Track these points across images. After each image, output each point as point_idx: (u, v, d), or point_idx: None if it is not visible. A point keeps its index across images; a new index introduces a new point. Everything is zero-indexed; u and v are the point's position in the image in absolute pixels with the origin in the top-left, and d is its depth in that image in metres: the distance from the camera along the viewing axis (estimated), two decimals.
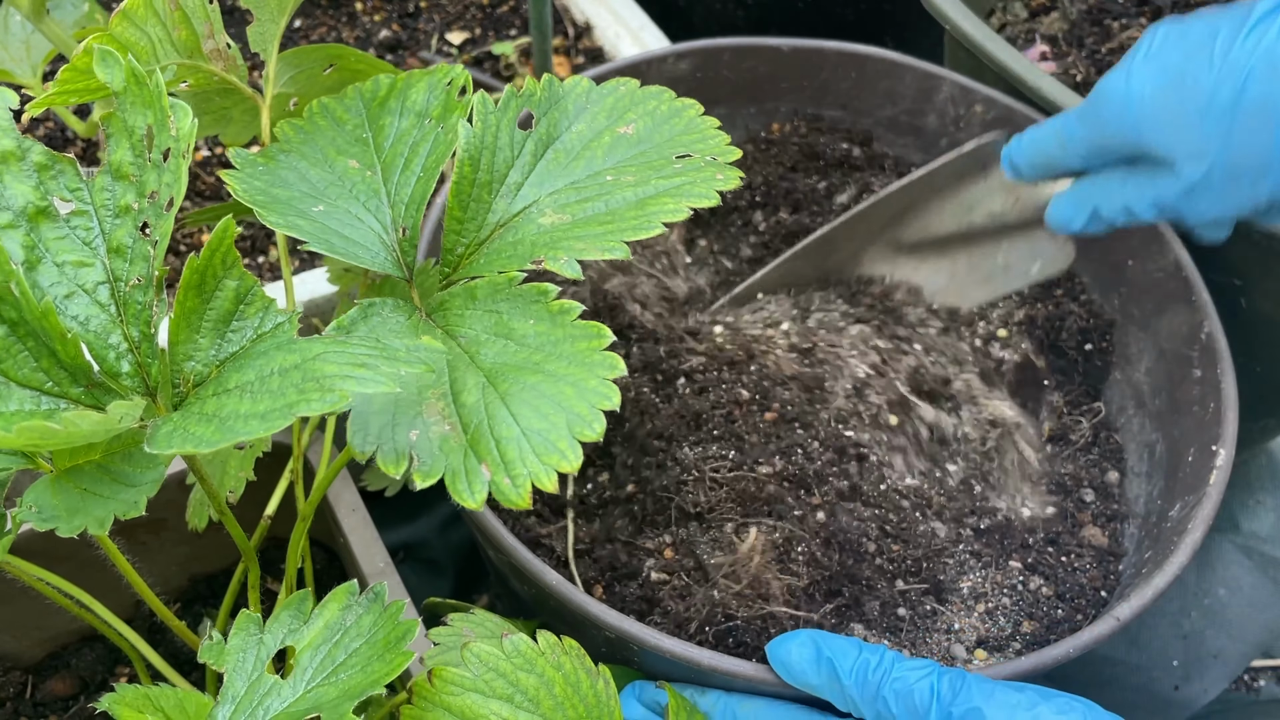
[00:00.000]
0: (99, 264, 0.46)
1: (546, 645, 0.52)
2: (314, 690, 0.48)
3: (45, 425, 0.36)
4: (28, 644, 0.76)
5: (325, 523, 0.75)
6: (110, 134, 0.46)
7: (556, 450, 0.44)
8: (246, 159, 0.54)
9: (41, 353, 0.42)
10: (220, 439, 0.38)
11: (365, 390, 0.38)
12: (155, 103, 0.46)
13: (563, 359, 0.46)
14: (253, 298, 0.45)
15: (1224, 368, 0.66)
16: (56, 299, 0.45)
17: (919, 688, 0.50)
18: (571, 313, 0.47)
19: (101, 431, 0.38)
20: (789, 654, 0.53)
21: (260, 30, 0.61)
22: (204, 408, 0.41)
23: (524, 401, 0.45)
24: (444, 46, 1.15)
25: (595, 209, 0.52)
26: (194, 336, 0.45)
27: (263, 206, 0.51)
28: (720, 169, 0.53)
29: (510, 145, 0.54)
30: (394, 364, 0.40)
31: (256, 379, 0.40)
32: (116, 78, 0.46)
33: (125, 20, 0.51)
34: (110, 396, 0.44)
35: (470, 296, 0.49)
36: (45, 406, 0.43)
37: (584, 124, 0.55)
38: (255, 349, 0.43)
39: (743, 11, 1.28)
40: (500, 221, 0.53)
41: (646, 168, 0.53)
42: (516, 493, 0.43)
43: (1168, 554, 0.59)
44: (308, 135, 0.57)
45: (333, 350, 0.40)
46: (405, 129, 0.56)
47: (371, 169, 0.55)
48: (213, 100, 0.62)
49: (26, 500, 0.46)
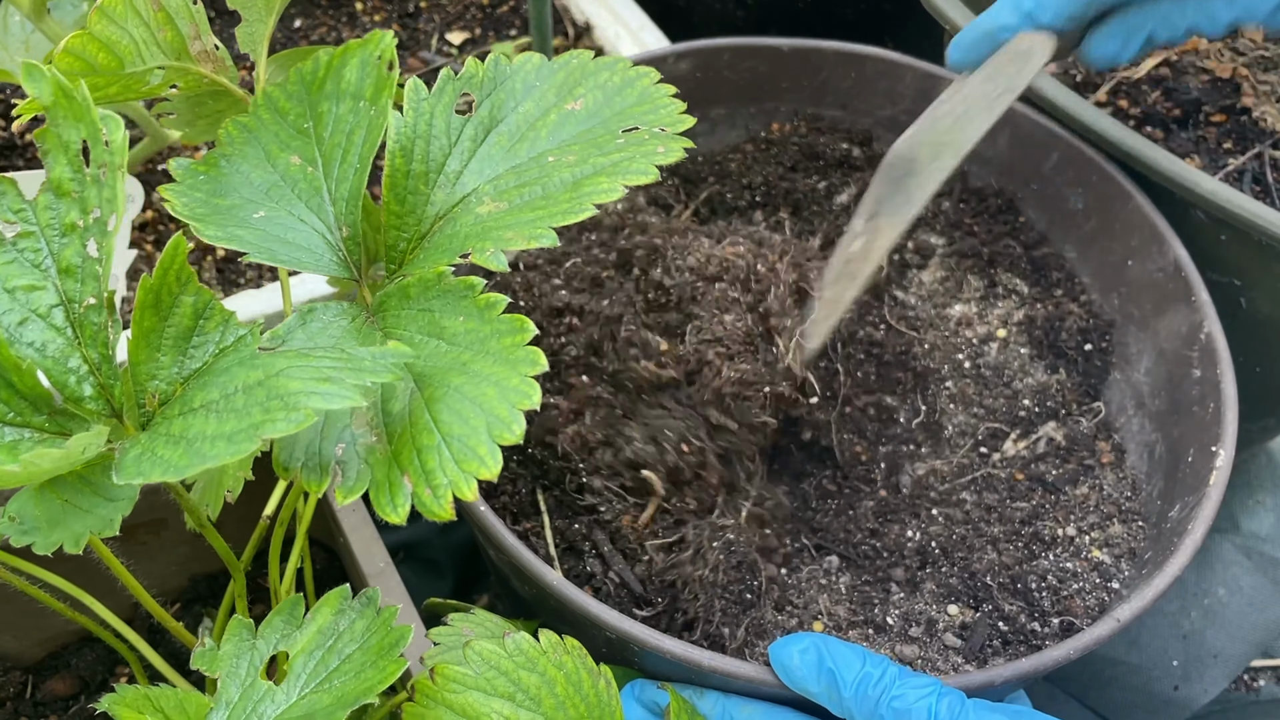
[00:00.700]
0: (50, 286, 0.44)
1: (548, 644, 0.52)
2: (308, 697, 0.47)
3: (3, 469, 0.35)
4: (28, 644, 0.76)
5: (325, 523, 0.75)
6: (47, 150, 0.44)
7: (476, 456, 0.42)
8: (187, 169, 0.51)
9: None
10: (189, 464, 0.37)
11: (331, 406, 0.37)
12: (85, 115, 0.44)
13: (489, 356, 0.44)
14: (211, 312, 0.43)
15: (1224, 368, 0.66)
16: (9, 327, 0.43)
17: (917, 709, 0.49)
18: (497, 307, 0.45)
19: (64, 465, 0.37)
20: (791, 658, 0.53)
21: (249, 30, 0.59)
22: (171, 428, 0.40)
23: (446, 406, 0.43)
24: (444, 46, 1.15)
25: (532, 194, 0.49)
26: (155, 355, 0.43)
27: (201, 220, 0.48)
28: (664, 140, 0.49)
29: (447, 132, 0.51)
30: (360, 374, 0.39)
31: (221, 397, 0.39)
32: (45, 91, 0.44)
33: (104, 18, 0.49)
34: (74, 422, 0.43)
35: (404, 295, 0.47)
36: (9, 438, 0.42)
37: (531, 103, 0.52)
38: (218, 365, 0.42)
39: (743, 11, 1.28)
40: (439, 214, 0.50)
41: (590, 145, 0.50)
42: (438, 504, 0.41)
43: (1168, 554, 0.59)
44: (251, 133, 0.53)
45: (295, 365, 0.39)
46: (343, 115, 0.52)
47: (313, 164, 0.51)
48: (205, 104, 0.60)
49: (9, 509, 0.45)
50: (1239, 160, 0.79)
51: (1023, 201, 0.83)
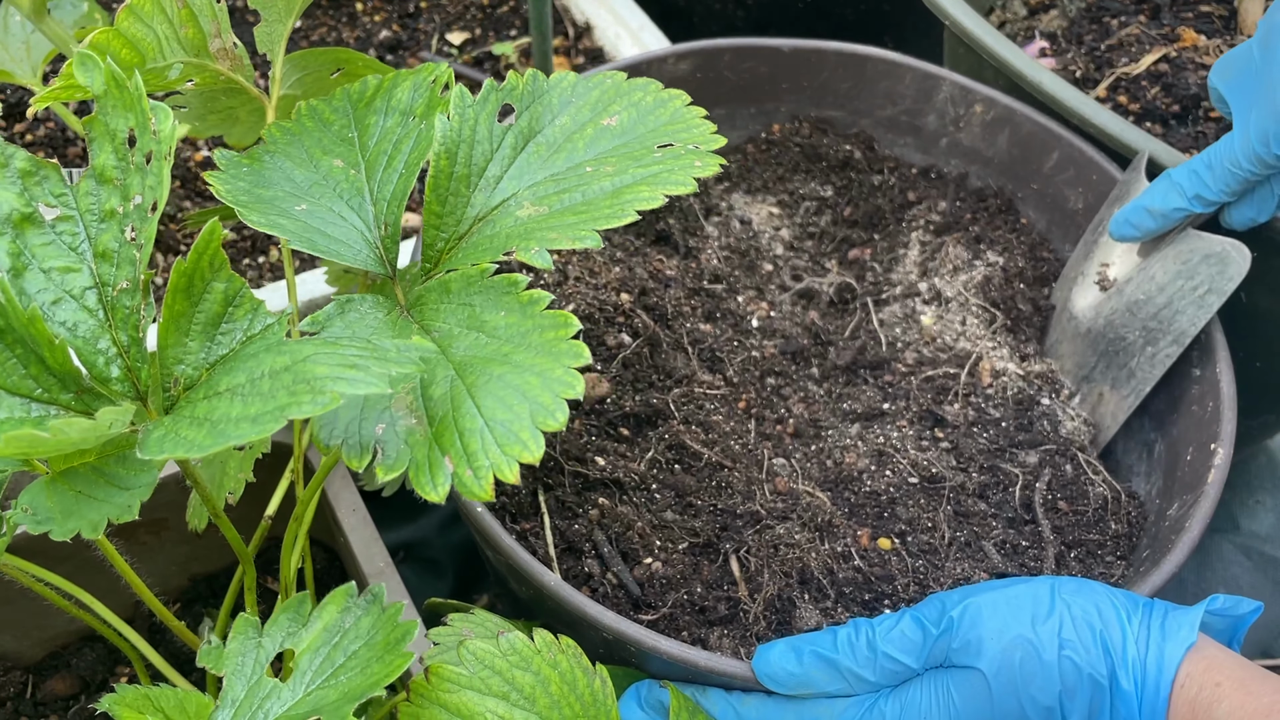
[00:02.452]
0: (86, 269, 0.45)
1: (543, 644, 0.52)
2: (314, 693, 0.48)
3: (34, 434, 0.35)
4: (28, 644, 0.76)
5: (325, 523, 0.75)
6: (93, 138, 0.46)
7: (519, 441, 0.43)
8: (231, 159, 0.54)
9: (29, 360, 0.42)
10: (212, 443, 0.38)
11: (356, 392, 0.38)
12: (136, 105, 0.45)
13: (531, 349, 0.46)
14: (241, 300, 0.45)
15: (1222, 366, 0.66)
16: (44, 305, 0.45)
17: (904, 626, 0.52)
18: (540, 303, 0.47)
19: (91, 438, 0.38)
20: (770, 665, 0.54)
21: (268, 30, 0.61)
22: (195, 411, 0.41)
23: (489, 393, 0.45)
24: (444, 47, 1.15)
25: (572, 199, 0.51)
26: (183, 340, 0.44)
27: (245, 206, 0.50)
28: (700, 156, 0.52)
29: (489, 139, 0.54)
30: (385, 364, 0.40)
31: (247, 381, 0.40)
32: (96, 81, 0.46)
33: (132, 16, 0.51)
34: (100, 402, 0.44)
35: (445, 290, 0.49)
36: (35, 414, 0.43)
37: (568, 117, 0.55)
38: (245, 351, 0.43)
39: (743, 12, 1.28)
40: (479, 215, 0.52)
41: (627, 158, 0.53)
42: (479, 484, 0.43)
43: (1165, 553, 0.59)
44: (294, 136, 0.57)
45: (323, 352, 0.40)
46: (390, 127, 0.56)
47: (356, 168, 0.55)
48: (219, 100, 0.62)
49: (21, 502, 0.46)
50: None
51: (1023, 201, 0.83)
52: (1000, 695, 0.50)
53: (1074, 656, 0.49)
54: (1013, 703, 0.50)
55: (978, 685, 0.50)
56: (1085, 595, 0.52)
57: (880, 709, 0.52)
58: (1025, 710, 0.50)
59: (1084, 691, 0.49)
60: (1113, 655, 0.49)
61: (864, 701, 0.53)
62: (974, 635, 0.51)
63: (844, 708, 0.53)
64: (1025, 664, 0.50)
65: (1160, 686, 0.48)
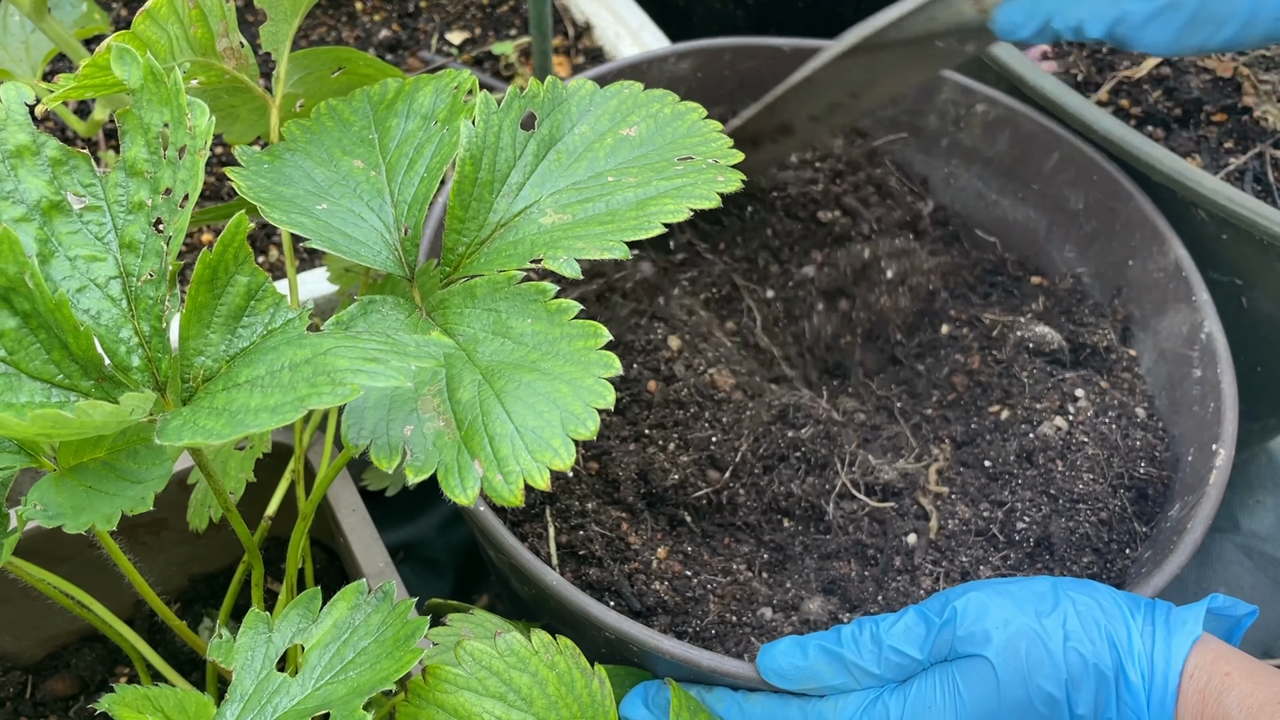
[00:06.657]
0: (111, 259, 0.46)
1: (540, 644, 0.52)
2: (323, 688, 0.48)
3: (58, 414, 0.36)
4: (28, 644, 0.76)
5: (325, 523, 0.75)
6: (126, 131, 0.46)
7: (550, 448, 0.44)
8: (252, 156, 0.55)
9: (53, 345, 0.43)
10: (230, 431, 0.38)
11: (376, 384, 0.38)
12: (172, 100, 0.46)
13: (559, 357, 0.46)
14: (264, 294, 0.45)
15: (1224, 367, 0.66)
16: (69, 292, 0.45)
17: (908, 619, 0.52)
18: (569, 312, 0.47)
19: (114, 423, 0.38)
20: (776, 660, 0.54)
21: (274, 30, 0.61)
22: (214, 402, 0.41)
23: (519, 399, 0.45)
24: (444, 46, 1.15)
25: (596, 209, 0.52)
26: (205, 331, 0.45)
27: (266, 203, 0.51)
28: (722, 171, 0.53)
29: (512, 145, 0.54)
30: (404, 359, 0.40)
31: (267, 373, 0.41)
32: (134, 75, 0.46)
33: (149, 19, 0.51)
34: (120, 390, 0.44)
35: (470, 295, 0.50)
36: (55, 399, 0.43)
37: (587, 126, 0.55)
38: (266, 344, 0.43)
39: (743, 11, 1.28)
40: (501, 221, 0.53)
41: (648, 169, 0.53)
42: (509, 489, 0.43)
43: (1167, 553, 0.59)
44: (314, 135, 0.57)
45: (344, 345, 0.41)
46: (411, 131, 0.56)
47: (376, 169, 0.55)
48: (221, 98, 0.62)
49: (31, 498, 0.46)
50: (1240, 159, 0.79)
51: (1023, 201, 0.83)
52: (1007, 684, 0.50)
53: (1079, 648, 0.49)
54: (1020, 692, 0.50)
55: (984, 675, 0.50)
56: (1088, 592, 0.52)
57: (885, 703, 0.52)
58: (1032, 700, 0.50)
59: (1090, 682, 0.49)
60: (1118, 648, 0.49)
61: (869, 695, 0.53)
62: (979, 627, 0.51)
63: (849, 703, 0.53)
64: (1031, 653, 0.50)
65: (1169, 678, 0.48)
